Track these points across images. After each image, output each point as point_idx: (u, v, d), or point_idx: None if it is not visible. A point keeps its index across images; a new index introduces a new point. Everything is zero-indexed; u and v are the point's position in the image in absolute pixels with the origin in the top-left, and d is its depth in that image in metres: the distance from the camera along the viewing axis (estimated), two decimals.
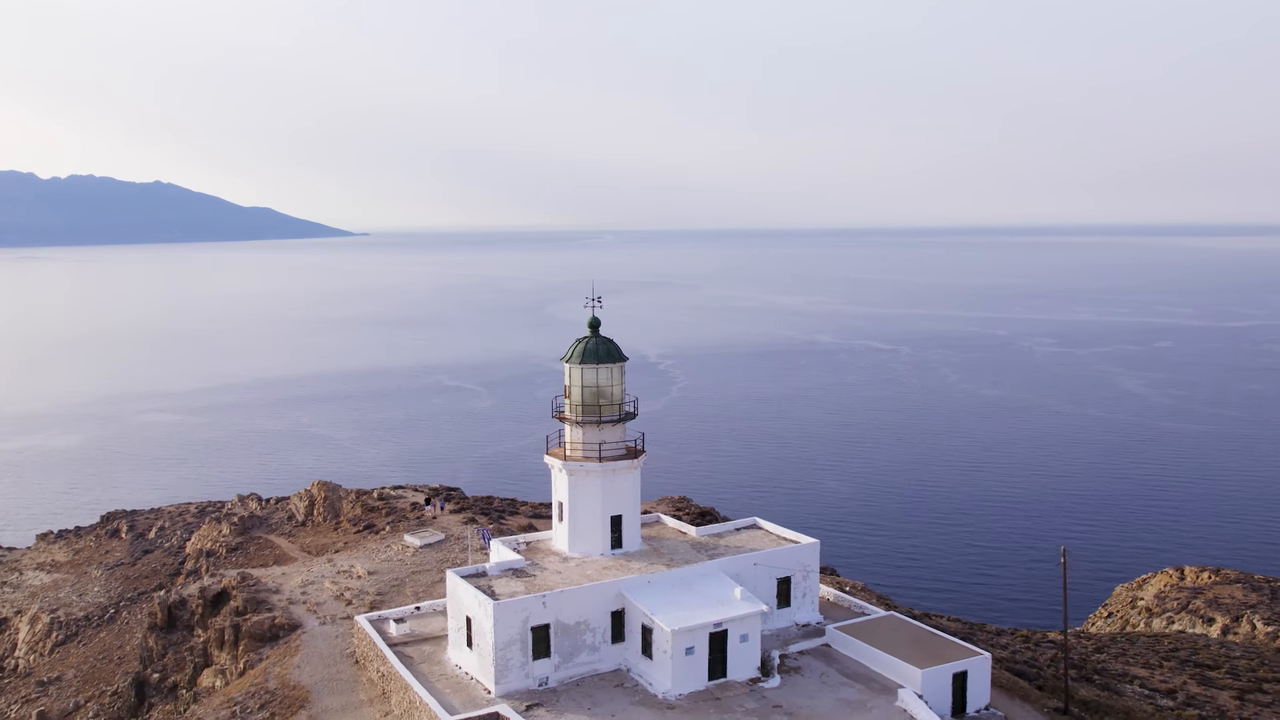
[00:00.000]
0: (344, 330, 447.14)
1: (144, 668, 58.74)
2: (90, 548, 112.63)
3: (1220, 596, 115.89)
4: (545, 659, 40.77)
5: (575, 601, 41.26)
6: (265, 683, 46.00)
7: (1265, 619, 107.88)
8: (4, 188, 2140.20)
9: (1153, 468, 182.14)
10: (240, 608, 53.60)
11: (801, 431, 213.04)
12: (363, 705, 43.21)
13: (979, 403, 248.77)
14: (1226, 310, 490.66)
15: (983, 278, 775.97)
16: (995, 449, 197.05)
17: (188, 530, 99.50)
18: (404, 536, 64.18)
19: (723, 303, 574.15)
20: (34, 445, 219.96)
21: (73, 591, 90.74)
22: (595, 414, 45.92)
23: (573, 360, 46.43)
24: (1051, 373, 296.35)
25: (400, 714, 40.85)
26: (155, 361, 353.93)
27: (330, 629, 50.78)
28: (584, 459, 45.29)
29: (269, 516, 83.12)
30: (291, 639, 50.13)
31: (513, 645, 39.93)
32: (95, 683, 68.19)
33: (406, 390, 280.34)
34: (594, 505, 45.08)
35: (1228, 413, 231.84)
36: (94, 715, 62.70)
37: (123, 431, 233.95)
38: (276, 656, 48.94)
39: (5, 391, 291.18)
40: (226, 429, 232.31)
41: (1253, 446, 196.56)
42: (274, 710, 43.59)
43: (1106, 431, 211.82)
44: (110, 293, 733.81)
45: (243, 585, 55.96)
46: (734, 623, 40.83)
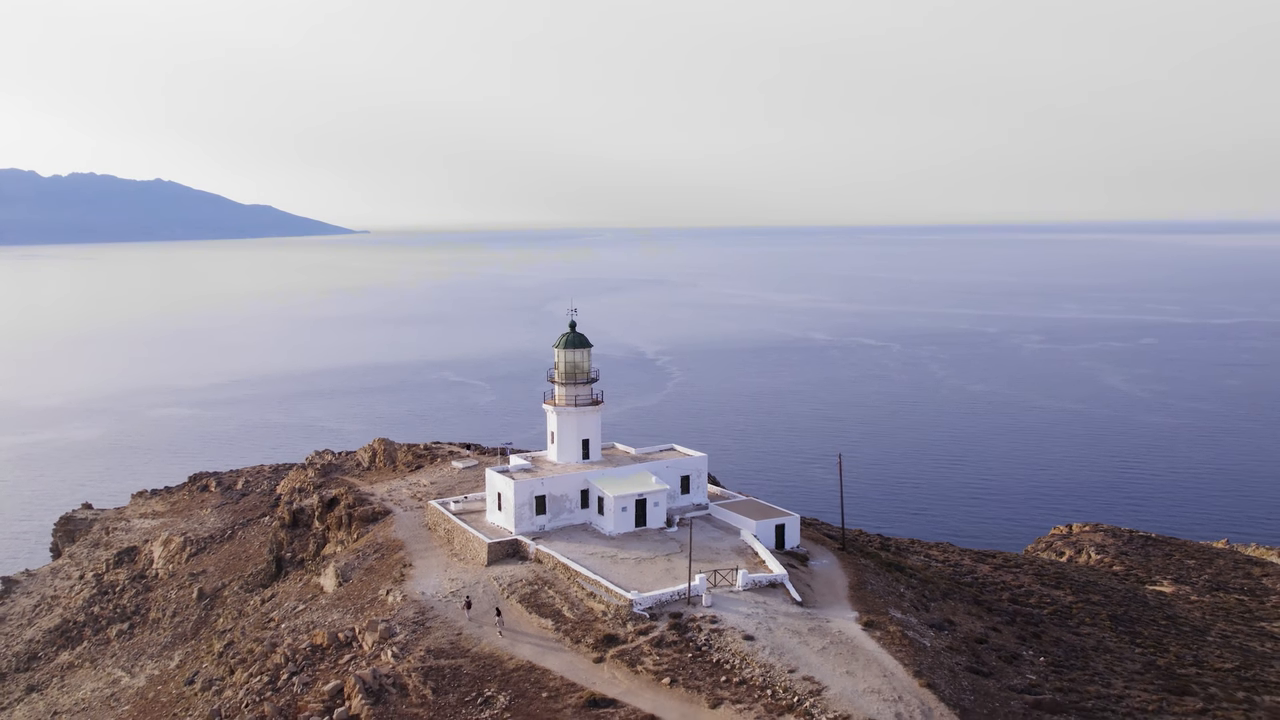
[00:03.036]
0: (347, 328, 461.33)
1: (279, 550, 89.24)
2: (185, 500, 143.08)
3: (1083, 540, 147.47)
4: (543, 515, 71.43)
5: (560, 484, 71.92)
6: (375, 540, 76.67)
7: (1097, 549, 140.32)
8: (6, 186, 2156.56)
9: (1125, 458, 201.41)
10: (350, 504, 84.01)
11: (790, 426, 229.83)
12: (435, 548, 73.86)
13: (964, 397, 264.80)
14: (1215, 308, 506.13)
15: (981, 276, 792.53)
16: (976, 442, 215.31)
17: (270, 481, 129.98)
18: (451, 462, 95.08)
19: (721, 300, 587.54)
20: (53, 438, 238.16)
21: (191, 523, 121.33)
22: (572, 379, 76.47)
23: (559, 345, 77.03)
24: (1036, 369, 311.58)
25: (459, 548, 71.51)
26: (165, 358, 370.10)
27: (411, 513, 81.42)
28: (565, 404, 75.85)
29: (341, 464, 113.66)
30: (386, 519, 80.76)
31: (525, 506, 70.58)
32: (233, 571, 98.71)
33: (412, 385, 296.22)
34: (571, 432, 75.66)
35: (1202, 406, 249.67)
36: (240, 586, 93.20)
37: (140, 425, 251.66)
38: (378, 529, 79.58)
39: (26, 386, 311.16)
40: (235, 423, 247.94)
41: (1219, 439, 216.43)
42: (383, 552, 74.23)
43: (1085, 424, 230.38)
44: (115, 291, 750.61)
45: (349, 492, 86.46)
46: (650, 494, 71.53)
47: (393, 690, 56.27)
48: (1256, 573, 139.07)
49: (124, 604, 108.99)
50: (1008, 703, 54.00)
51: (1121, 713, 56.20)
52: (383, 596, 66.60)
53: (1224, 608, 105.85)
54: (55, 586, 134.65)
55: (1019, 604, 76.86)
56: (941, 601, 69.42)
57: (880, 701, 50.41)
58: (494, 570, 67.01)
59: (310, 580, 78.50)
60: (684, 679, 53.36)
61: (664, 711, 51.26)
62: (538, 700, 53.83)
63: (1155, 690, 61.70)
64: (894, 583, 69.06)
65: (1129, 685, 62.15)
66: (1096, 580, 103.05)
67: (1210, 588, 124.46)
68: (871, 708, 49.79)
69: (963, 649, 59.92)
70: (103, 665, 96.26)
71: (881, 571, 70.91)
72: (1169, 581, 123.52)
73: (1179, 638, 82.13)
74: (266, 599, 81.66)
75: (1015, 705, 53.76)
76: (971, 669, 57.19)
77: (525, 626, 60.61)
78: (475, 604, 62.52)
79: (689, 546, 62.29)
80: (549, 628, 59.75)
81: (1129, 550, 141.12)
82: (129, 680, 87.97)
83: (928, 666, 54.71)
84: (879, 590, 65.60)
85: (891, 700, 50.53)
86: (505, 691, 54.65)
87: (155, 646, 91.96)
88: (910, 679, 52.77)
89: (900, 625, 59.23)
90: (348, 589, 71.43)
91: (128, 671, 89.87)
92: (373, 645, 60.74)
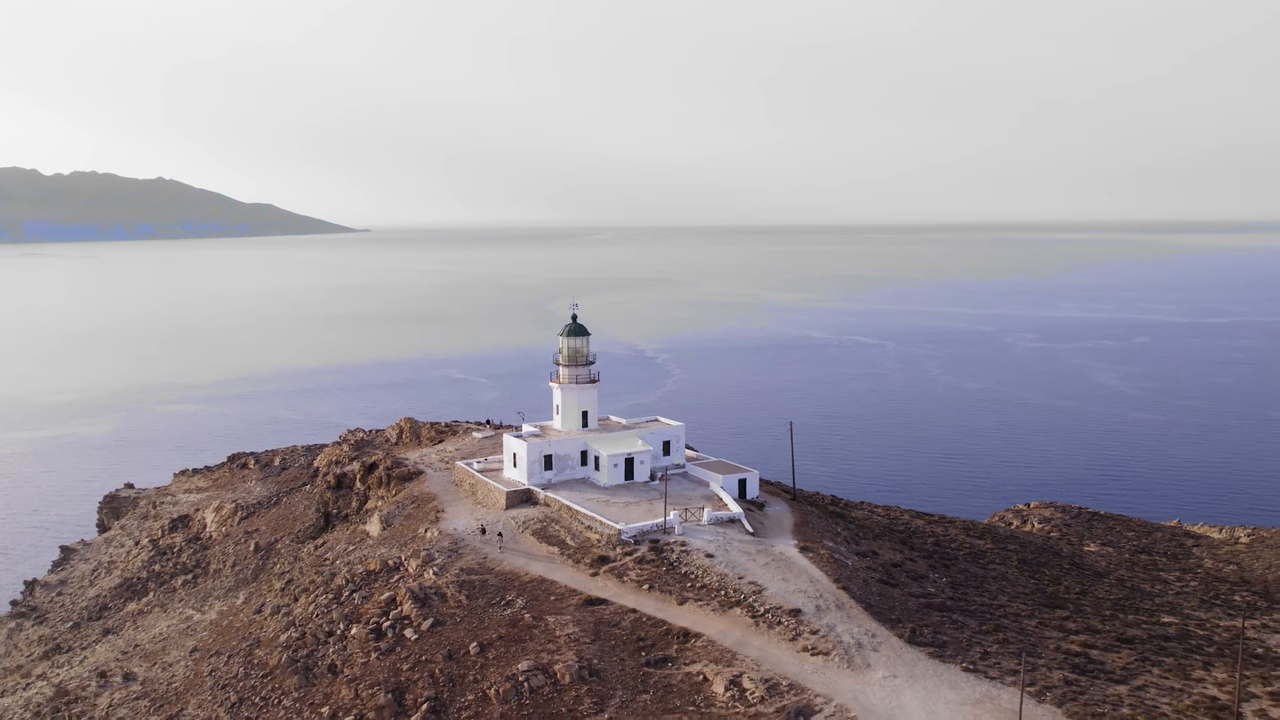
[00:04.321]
0: (350, 326, 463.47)
1: (325, 508, 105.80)
2: (226, 476, 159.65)
3: (1032, 514, 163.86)
4: (550, 470, 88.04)
5: (564, 445, 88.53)
6: (411, 494, 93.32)
7: (1040, 520, 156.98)
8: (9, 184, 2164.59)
9: (1109, 450, 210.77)
10: (389, 466, 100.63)
11: (784, 422, 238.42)
12: (462, 498, 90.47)
13: (958, 395, 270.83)
14: (1210, 307, 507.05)
15: (981, 274, 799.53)
16: (969, 438, 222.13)
17: (304, 458, 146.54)
18: (472, 433, 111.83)
19: (721, 299, 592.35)
20: (70, 431, 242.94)
21: (238, 493, 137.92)
22: (574, 361, 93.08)
23: (563, 334, 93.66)
24: (1030, 366, 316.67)
25: (482, 497, 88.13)
26: (172, 355, 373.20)
27: (440, 473, 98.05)
28: (568, 382, 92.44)
29: (372, 440, 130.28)
30: (420, 478, 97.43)
31: (535, 463, 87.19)
32: (283, 529, 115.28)
33: (416, 382, 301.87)
34: (573, 405, 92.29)
35: (1189, 404, 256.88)
36: (291, 540, 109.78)
37: (148, 421, 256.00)
38: (413, 485, 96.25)
39: (38, 381, 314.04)
40: (240, 419, 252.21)
41: (1206, 434, 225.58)
42: (419, 503, 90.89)
43: (1076, 420, 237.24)
44: (119, 289, 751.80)
45: (386, 457, 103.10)
46: (636, 454, 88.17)
47: (435, 598, 72.94)
48: (1189, 544, 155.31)
49: (184, 561, 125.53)
50: (905, 603, 70.67)
51: (998, 615, 72.79)
52: (422, 534, 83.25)
53: (1135, 563, 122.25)
54: (111, 553, 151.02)
55: (940, 546, 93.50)
56: (871, 540, 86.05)
57: (805, 598, 67.15)
58: (511, 512, 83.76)
59: (357, 528, 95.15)
60: (659, 585, 70.08)
61: (643, 607, 67.98)
62: (547, 602, 70.54)
63: (1032, 604, 78.30)
64: (833, 524, 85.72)
65: (1012, 600, 78.76)
66: (1020, 536, 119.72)
67: (1135, 551, 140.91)
68: (797, 601, 66.53)
69: (878, 569, 76.57)
70: (172, 608, 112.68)
71: (824, 517, 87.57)
72: (1097, 544, 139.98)
73: (1078, 577, 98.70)
74: (319, 546, 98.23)
75: (911, 604, 70.44)
76: (882, 581, 73.85)
77: (536, 552, 77.32)
78: (489, 531, 79.24)
79: (665, 492, 79.02)
80: (555, 552, 76.43)
81: (1073, 522, 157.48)
82: (200, 616, 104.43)
83: (846, 577, 71.41)
84: (818, 528, 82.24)
85: (814, 597, 67.27)
86: (522, 596, 71.38)
87: (220, 590, 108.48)
88: (830, 584, 69.49)
89: (829, 550, 75.91)
90: (391, 531, 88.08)
91: (198, 610, 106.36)
92: (417, 568, 77.38)
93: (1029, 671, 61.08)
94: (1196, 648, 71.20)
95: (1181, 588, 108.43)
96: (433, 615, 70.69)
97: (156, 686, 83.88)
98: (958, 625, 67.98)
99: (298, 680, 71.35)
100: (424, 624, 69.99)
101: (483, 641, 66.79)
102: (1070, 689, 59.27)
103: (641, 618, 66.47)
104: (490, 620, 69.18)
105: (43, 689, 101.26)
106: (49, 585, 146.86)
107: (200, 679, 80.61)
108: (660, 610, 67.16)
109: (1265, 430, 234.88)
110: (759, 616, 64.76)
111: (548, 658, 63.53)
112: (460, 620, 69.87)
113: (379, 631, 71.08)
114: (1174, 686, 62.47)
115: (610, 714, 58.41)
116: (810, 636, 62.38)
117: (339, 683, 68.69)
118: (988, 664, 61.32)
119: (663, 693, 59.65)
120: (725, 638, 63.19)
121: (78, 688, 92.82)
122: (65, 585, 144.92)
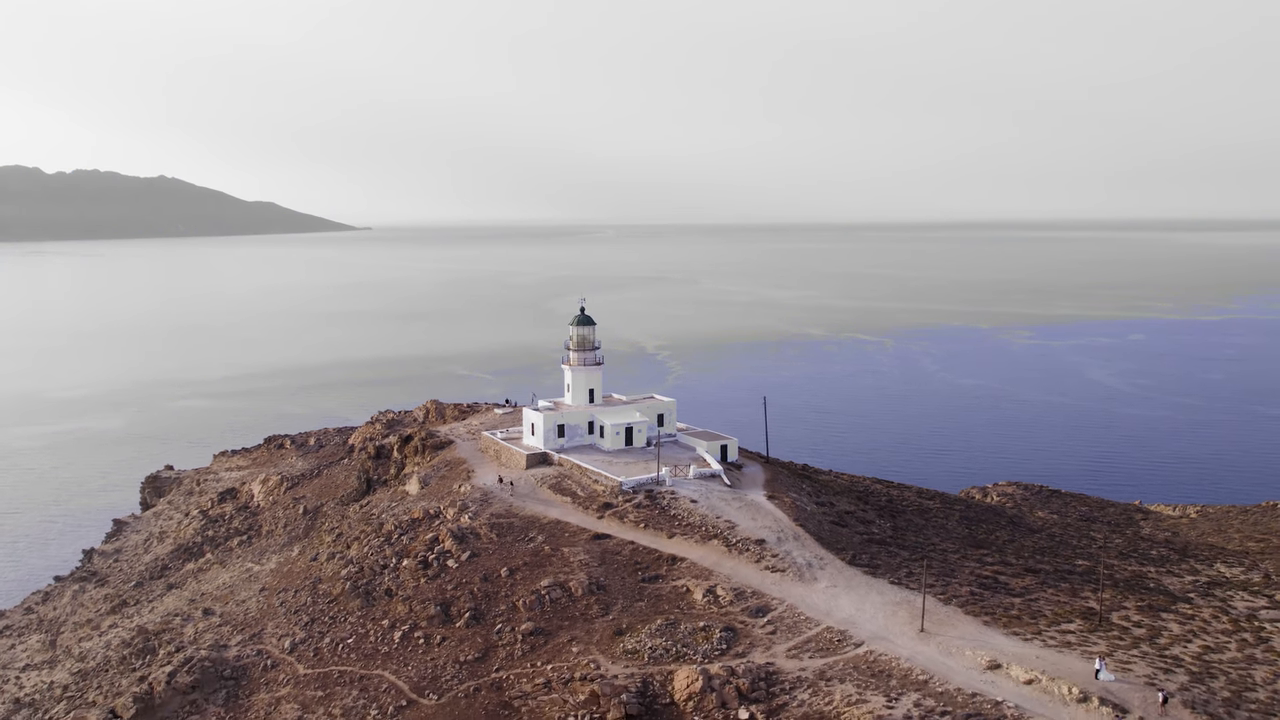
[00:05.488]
0: (354, 323, 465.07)
1: (367, 475, 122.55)
2: (265, 455, 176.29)
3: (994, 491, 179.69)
4: (562, 437, 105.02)
5: (574, 416, 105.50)
6: (444, 459, 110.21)
7: (1000, 494, 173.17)
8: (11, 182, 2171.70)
9: (1095, 443, 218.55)
10: (423, 437, 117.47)
11: (780, 417, 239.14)
12: (488, 461, 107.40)
13: (953, 390, 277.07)
14: (1205, 304, 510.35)
15: (978, 273, 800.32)
16: (962, 433, 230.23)
17: (337, 439, 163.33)
18: (494, 410, 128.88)
19: (720, 297, 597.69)
20: (79, 426, 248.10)
21: (281, 468, 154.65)
22: (582, 346, 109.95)
23: (573, 323, 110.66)
24: (1026, 363, 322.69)
25: (505, 460, 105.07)
26: (177, 352, 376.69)
27: (468, 442, 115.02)
28: (577, 365, 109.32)
29: (402, 420, 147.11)
30: (451, 446, 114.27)
31: (551, 431, 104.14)
32: (328, 495, 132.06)
33: (420, 379, 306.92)
34: (581, 383, 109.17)
35: (1178, 399, 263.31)
36: (336, 503, 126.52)
37: (160, 416, 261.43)
38: (445, 453, 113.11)
39: (44, 377, 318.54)
40: (246, 415, 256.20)
41: (1194, 428, 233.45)
42: (451, 466, 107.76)
43: (1068, 415, 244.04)
44: (122, 287, 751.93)
45: (420, 429, 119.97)
46: (635, 424, 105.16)
47: (471, 536, 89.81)
48: (1138, 518, 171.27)
49: (235, 526, 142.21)
50: (851, 538, 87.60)
51: (927, 549, 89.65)
52: (456, 489, 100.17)
53: (1072, 525, 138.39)
54: (161, 525, 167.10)
55: (892, 503, 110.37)
56: (831, 495, 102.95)
57: (768, 532, 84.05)
58: (530, 471, 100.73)
59: (397, 489, 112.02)
60: (652, 524, 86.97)
61: (640, 540, 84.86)
62: (562, 537, 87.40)
63: (961, 544, 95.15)
64: (799, 482, 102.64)
65: (943, 541, 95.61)
66: (969, 501, 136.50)
67: (1081, 519, 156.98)
68: (762, 534, 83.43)
69: (833, 515, 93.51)
70: (231, 564, 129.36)
71: (792, 476, 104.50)
72: (1045, 512, 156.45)
73: (1011, 531, 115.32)
74: (363, 505, 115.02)
75: (856, 539, 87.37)
76: (834, 523, 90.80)
77: (553, 500, 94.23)
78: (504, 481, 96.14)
79: (658, 454, 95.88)
80: (568, 501, 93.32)
81: (1032, 498, 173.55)
82: (259, 568, 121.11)
83: (803, 517, 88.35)
84: (785, 484, 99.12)
85: (775, 531, 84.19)
86: (542, 533, 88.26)
87: (275, 546, 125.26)
88: (790, 523, 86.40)
89: (793, 499, 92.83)
90: (429, 489, 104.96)
91: (256, 563, 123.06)
92: (454, 514, 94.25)
93: (944, 588, 77.97)
94: (1095, 580, 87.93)
95: (1106, 543, 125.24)
96: (470, 549, 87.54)
97: (234, 617, 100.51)
98: (892, 554, 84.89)
99: (359, 603, 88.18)
100: (463, 556, 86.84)
101: (511, 567, 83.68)
102: (973, 597, 76.15)
103: (638, 548, 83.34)
104: (517, 552, 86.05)
105: (120, 632, 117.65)
106: (105, 554, 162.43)
107: (273, 609, 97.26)
108: (653, 542, 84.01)
109: (1252, 423, 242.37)
110: (731, 545, 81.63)
111: (564, 577, 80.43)
112: (492, 552, 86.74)
113: (426, 562, 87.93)
114: (1061, 600, 79.32)
115: (614, 615, 75.32)
116: (771, 559, 79.28)
117: (395, 602, 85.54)
118: (911, 580, 78.19)
119: (654, 600, 76.58)
120: (704, 560, 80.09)
121: (159, 626, 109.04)
122: (120, 553, 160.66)
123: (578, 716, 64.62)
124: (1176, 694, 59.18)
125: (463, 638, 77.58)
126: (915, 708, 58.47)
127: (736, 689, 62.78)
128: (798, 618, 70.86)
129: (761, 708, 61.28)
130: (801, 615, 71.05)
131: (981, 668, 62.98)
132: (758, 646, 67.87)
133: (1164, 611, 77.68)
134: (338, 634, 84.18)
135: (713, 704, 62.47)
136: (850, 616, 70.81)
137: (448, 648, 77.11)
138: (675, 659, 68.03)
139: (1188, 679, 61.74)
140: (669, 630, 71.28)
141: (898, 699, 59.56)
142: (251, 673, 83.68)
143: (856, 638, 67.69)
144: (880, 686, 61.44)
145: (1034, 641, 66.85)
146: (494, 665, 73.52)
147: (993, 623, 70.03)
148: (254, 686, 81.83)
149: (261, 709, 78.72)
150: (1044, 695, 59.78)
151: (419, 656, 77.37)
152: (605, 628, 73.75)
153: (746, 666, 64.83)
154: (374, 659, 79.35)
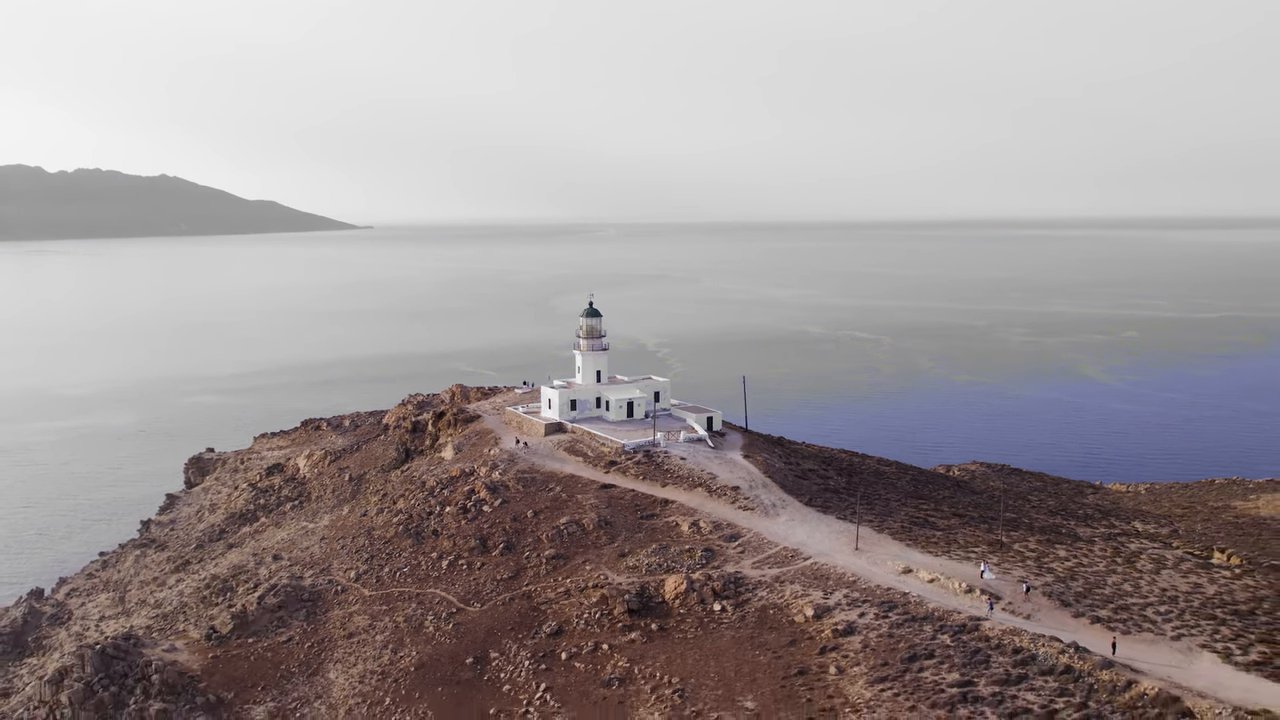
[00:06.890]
0: (357, 321, 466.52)
1: (405, 446, 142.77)
2: (303, 436, 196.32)
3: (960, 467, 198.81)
4: (574, 411, 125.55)
5: (584, 393, 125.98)
6: (474, 430, 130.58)
7: (962, 470, 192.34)
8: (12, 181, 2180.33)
9: (1083, 436, 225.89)
10: (455, 412, 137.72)
11: (778, 413, 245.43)
12: (512, 431, 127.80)
13: (948, 386, 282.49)
14: (1202, 303, 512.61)
15: (977, 272, 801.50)
16: (956, 430, 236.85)
17: (370, 420, 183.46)
18: (514, 390, 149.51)
19: (720, 295, 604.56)
20: (89, 422, 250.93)
21: (322, 445, 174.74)
22: (590, 335, 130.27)
23: (582, 315, 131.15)
24: (1021, 360, 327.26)
25: (526, 430, 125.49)
26: (184, 349, 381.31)
27: (493, 417, 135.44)
28: (586, 350, 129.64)
29: (430, 401, 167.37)
30: (479, 420, 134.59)
31: (565, 405, 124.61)
32: (369, 465, 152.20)
33: (425, 376, 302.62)
34: (590, 365, 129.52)
35: (1168, 395, 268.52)
36: (378, 471, 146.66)
37: (169, 413, 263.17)
38: (475, 425, 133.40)
39: (49, 375, 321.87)
40: (250, 412, 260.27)
41: (1184, 424, 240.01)
42: (480, 434, 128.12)
43: (1063, 412, 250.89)
44: (125, 286, 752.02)
45: (451, 405, 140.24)
46: (635, 399, 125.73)
47: (501, 487, 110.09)
48: (1089, 492, 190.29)
49: (285, 494, 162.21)
50: (810, 487, 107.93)
51: (873, 499, 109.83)
52: (486, 453, 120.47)
53: (1014, 491, 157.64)
54: (210, 499, 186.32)
55: (852, 466, 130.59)
56: (799, 459, 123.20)
57: (742, 481, 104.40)
58: (548, 438, 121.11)
59: (434, 456, 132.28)
60: (649, 476, 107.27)
61: (639, 488, 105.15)
62: (576, 487, 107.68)
63: (905, 497, 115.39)
64: (772, 447, 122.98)
65: (890, 494, 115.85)
66: (923, 468, 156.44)
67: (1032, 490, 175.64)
68: (737, 482, 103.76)
69: (798, 470, 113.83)
70: (285, 524, 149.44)
71: (767, 443, 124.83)
72: (998, 483, 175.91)
73: (954, 492, 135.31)
74: (404, 470, 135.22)
75: (814, 488, 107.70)
76: (798, 476, 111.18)
77: (568, 459, 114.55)
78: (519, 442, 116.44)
79: (654, 424, 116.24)
80: (580, 460, 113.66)
81: (992, 475, 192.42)
82: (312, 525, 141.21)
83: (772, 471, 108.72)
84: (760, 447, 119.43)
85: (748, 481, 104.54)
86: (560, 485, 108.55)
87: (325, 508, 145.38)
88: (761, 474, 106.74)
89: (764, 458, 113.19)
90: (463, 454, 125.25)
91: (310, 521, 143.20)
92: (486, 472, 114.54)
93: (880, 522, 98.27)
94: (1014, 526, 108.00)
95: (1039, 504, 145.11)
96: (501, 497, 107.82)
97: (301, 559, 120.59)
98: (842, 500, 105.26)
99: (410, 541, 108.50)
100: (496, 503, 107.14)
101: (535, 510, 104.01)
102: (903, 530, 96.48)
103: (638, 494, 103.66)
104: (539, 498, 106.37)
105: (192, 582, 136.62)
106: (161, 524, 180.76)
107: (335, 551, 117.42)
108: (650, 490, 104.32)
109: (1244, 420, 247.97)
110: (712, 491, 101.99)
111: (578, 516, 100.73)
112: (520, 499, 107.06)
113: (464, 509, 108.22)
114: (977, 534, 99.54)
115: (618, 543, 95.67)
116: (743, 501, 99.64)
117: (440, 539, 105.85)
118: (854, 517, 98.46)
119: (650, 531, 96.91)
120: (690, 503, 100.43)
121: (231, 573, 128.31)
122: (175, 524, 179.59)
123: (591, 613, 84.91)
124: (1040, 587, 79.51)
125: (498, 563, 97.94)
126: (844, 599, 78.77)
127: (712, 589, 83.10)
128: (761, 541, 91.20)
129: (731, 601, 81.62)
130: (764, 540, 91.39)
131: (897, 572, 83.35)
132: (729, 561, 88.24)
133: (1058, 545, 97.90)
134: (395, 565, 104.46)
135: (695, 600, 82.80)
136: (802, 541, 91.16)
137: (487, 570, 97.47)
138: (666, 571, 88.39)
139: (1052, 579, 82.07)
140: (661, 552, 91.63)
141: (832, 593, 79.88)
142: (325, 596, 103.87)
143: (805, 554, 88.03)
144: (820, 586, 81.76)
145: (942, 557, 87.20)
146: (524, 581, 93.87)
147: (913, 545, 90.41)
148: (329, 605, 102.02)
149: (337, 621, 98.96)
150: (941, 590, 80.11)
151: (464, 578, 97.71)
152: (611, 552, 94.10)
153: (720, 574, 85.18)
154: (427, 582, 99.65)
